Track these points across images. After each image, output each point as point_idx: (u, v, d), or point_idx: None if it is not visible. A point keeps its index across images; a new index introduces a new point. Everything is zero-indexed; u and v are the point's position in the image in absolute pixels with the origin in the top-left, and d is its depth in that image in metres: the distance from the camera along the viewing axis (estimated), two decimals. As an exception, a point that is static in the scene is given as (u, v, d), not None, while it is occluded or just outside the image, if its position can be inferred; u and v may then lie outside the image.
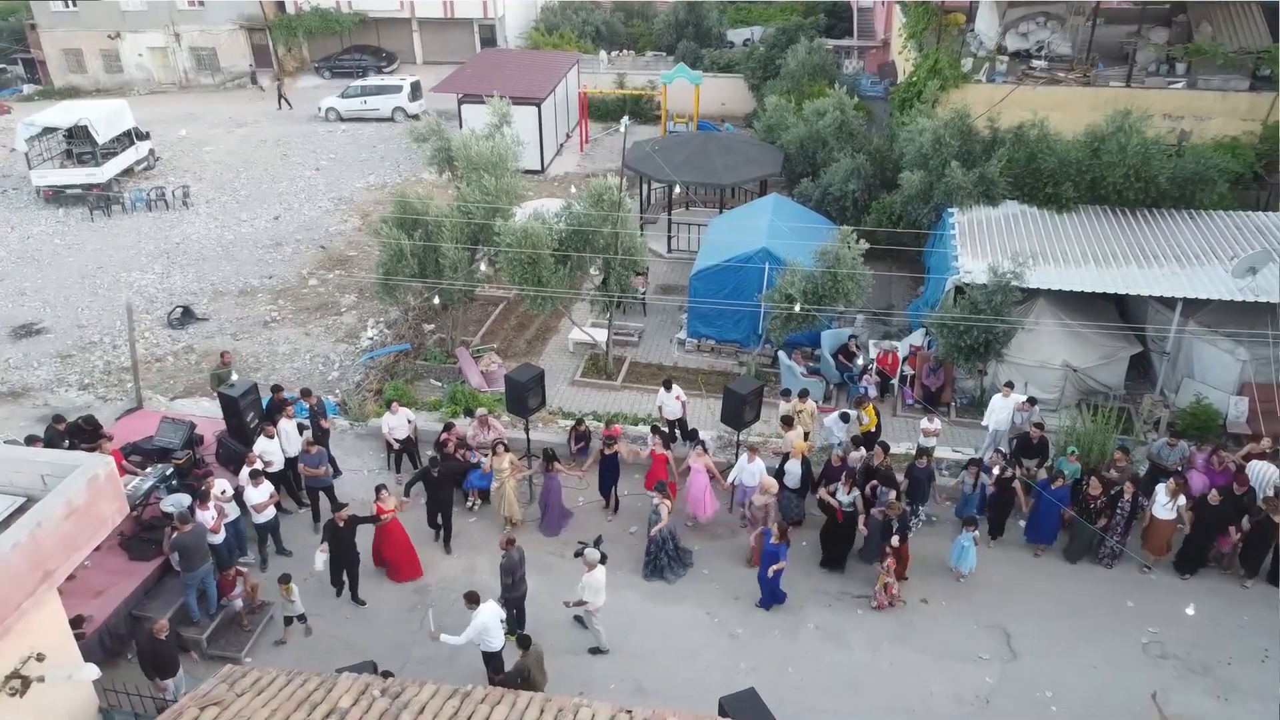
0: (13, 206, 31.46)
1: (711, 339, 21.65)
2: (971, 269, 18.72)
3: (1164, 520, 14.00)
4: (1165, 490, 13.90)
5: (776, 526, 13.41)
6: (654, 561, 14.40)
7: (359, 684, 9.53)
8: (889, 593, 13.71)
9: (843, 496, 14.14)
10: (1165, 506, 13.90)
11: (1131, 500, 14.10)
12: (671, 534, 14.41)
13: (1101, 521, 14.09)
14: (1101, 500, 14.03)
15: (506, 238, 18.27)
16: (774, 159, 25.99)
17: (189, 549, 12.51)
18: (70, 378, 21.03)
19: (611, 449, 15.35)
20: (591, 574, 12.59)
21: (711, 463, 15.12)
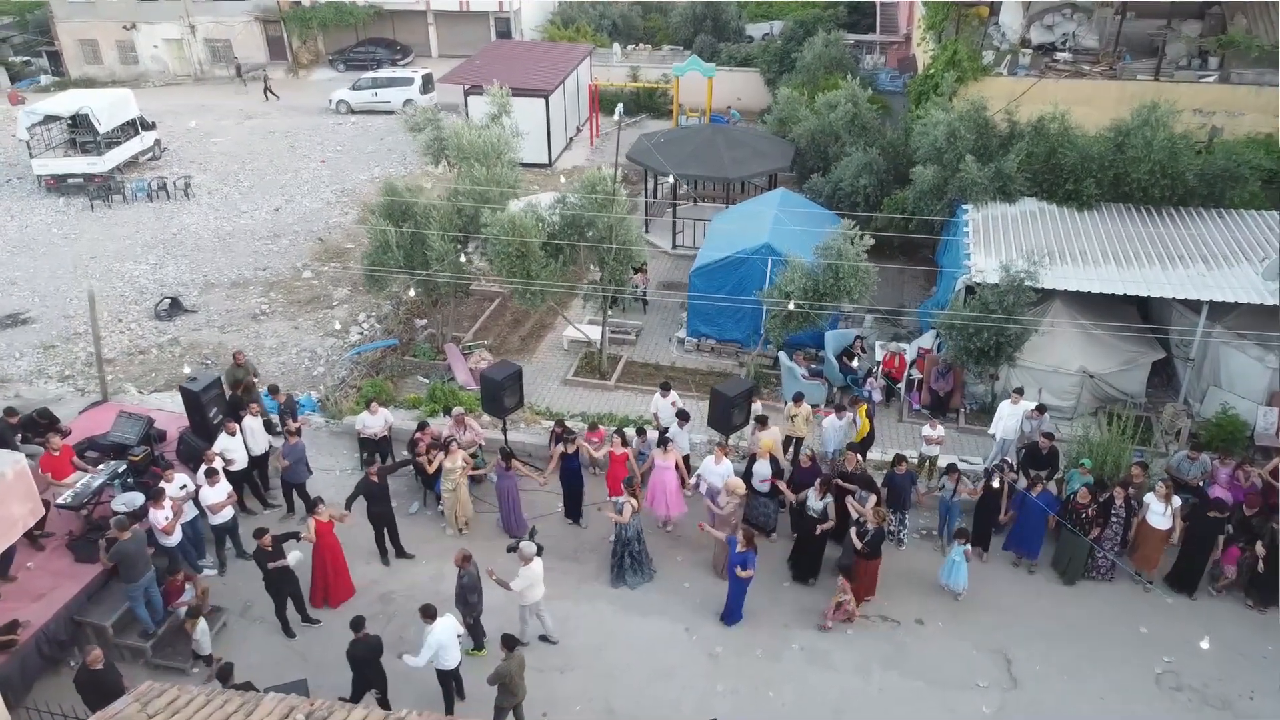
0: (16, 195, 31.13)
1: (712, 338, 20.76)
2: (984, 267, 17.71)
3: (1156, 530, 12.99)
4: (1157, 495, 12.89)
5: (742, 533, 12.50)
6: (619, 564, 13.53)
7: (283, 706, 8.75)
8: (842, 610, 12.76)
9: (814, 504, 13.21)
10: (1158, 514, 12.89)
11: (1125, 506, 13.08)
12: (638, 534, 13.54)
13: (1094, 532, 13.09)
14: (1093, 509, 13.02)
15: (494, 228, 17.47)
16: (784, 153, 25.05)
17: (129, 557, 11.75)
18: (51, 369, 20.49)
19: (572, 447, 14.45)
20: (528, 568, 11.89)
21: (680, 460, 14.24)
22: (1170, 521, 12.90)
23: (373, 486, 13.47)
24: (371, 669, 11.32)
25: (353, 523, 13.45)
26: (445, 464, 14.00)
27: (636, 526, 13.44)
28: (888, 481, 13.83)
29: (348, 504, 13.39)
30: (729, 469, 13.78)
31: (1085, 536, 13.05)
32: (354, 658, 11.15)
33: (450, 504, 14.35)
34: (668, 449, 14.06)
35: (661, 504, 14.15)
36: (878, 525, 12.55)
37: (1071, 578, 13.53)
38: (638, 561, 13.56)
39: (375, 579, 13.82)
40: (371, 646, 11.22)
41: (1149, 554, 13.21)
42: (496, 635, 12.32)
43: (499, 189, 18.73)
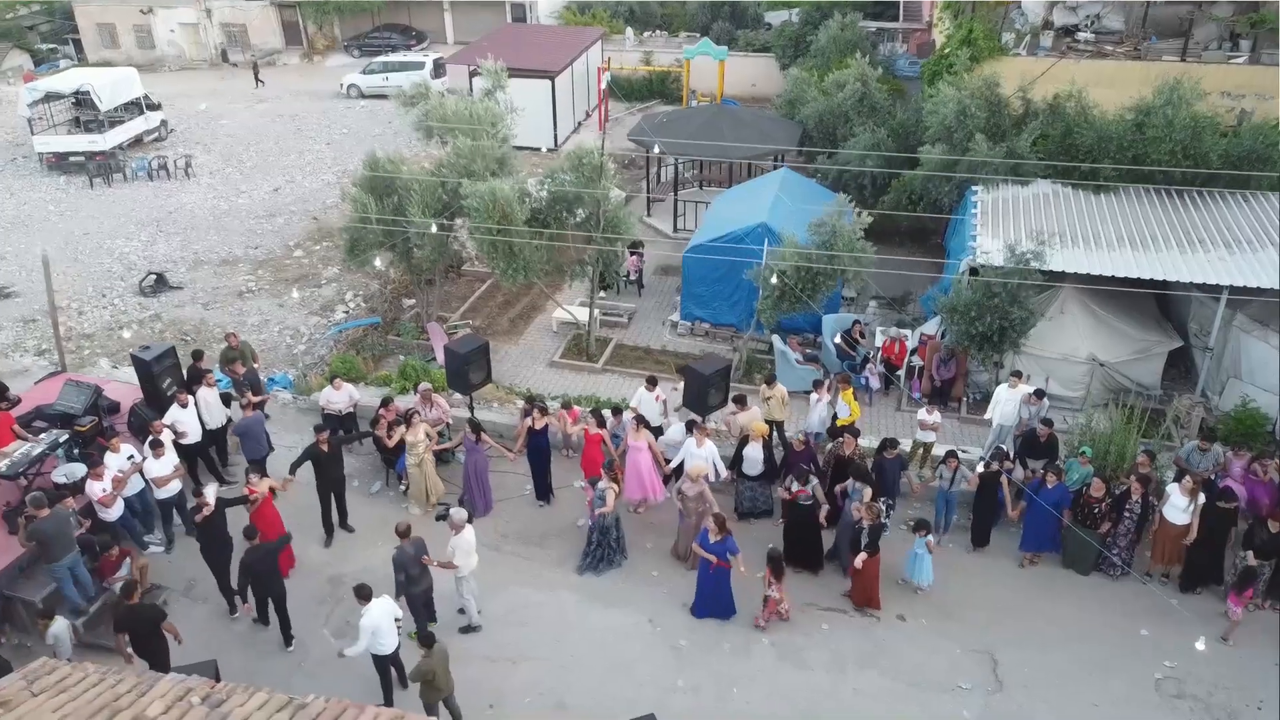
0: (19, 174, 30.91)
1: (706, 322, 19.91)
2: (989, 249, 16.74)
3: (1177, 526, 12.00)
4: (1181, 489, 11.88)
5: (713, 520, 11.65)
6: (595, 552, 12.74)
7: (178, 689, 8.03)
8: (771, 607, 11.86)
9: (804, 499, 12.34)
10: (1180, 509, 11.90)
11: (1142, 502, 12.10)
12: (616, 520, 12.74)
13: (1104, 527, 12.12)
14: (1105, 503, 12.04)
15: (473, 200, 16.73)
16: (790, 134, 24.15)
17: (47, 537, 11.06)
18: (29, 342, 20.03)
19: (541, 422, 13.66)
20: (459, 536, 11.24)
21: (653, 440, 13.42)
22: (1189, 518, 11.92)
23: (320, 454, 12.77)
24: (267, 579, 11.33)
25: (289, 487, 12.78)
26: (407, 438, 13.27)
27: (615, 513, 12.66)
28: (875, 468, 12.96)
29: (292, 469, 12.70)
30: (711, 452, 12.94)
31: (1095, 530, 12.10)
32: (246, 566, 11.15)
33: (417, 481, 13.60)
34: (639, 429, 13.26)
35: (635, 487, 13.35)
36: (872, 521, 11.65)
37: (1081, 568, 12.60)
38: (613, 550, 12.78)
39: (327, 560, 13.13)
40: (264, 553, 11.19)
41: (1167, 551, 12.22)
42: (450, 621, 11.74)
43: (485, 161, 17.99)
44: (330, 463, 12.92)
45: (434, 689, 10.03)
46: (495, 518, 13.83)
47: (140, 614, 10.59)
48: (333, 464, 12.97)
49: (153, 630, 10.52)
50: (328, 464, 12.90)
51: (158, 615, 10.72)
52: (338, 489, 13.26)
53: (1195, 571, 12.28)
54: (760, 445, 13.14)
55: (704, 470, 12.63)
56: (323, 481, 13.06)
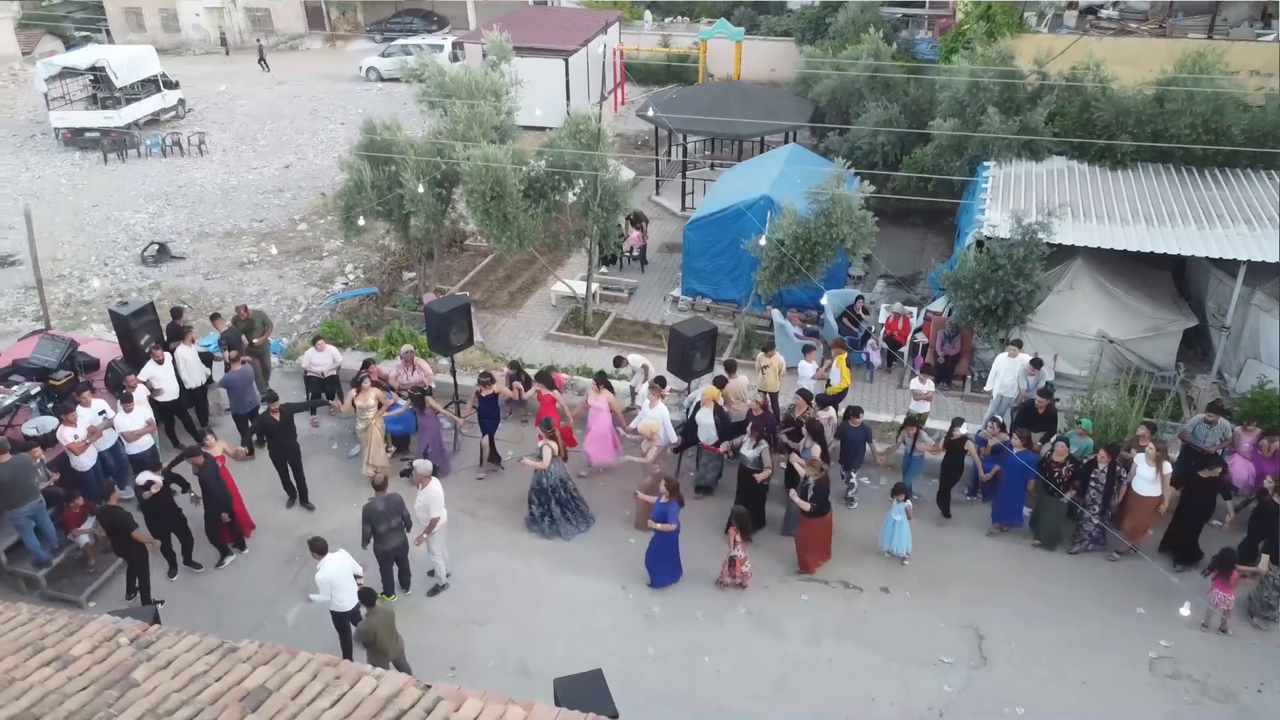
0: (36, 149, 31.09)
1: (708, 298, 19.48)
2: (997, 222, 16.17)
3: (1144, 496, 11.42)
4: (1145, 458, 11.32)
5: (664, 482, 11.23)
6: (540, 516, 12.35)
7: (107, 629, 7.76)
8: (736, 570, 11.43)
9: (747, 451, 11.89)
10: (1146, 479, 11.33)
11: (1108, 471, 11.52)
12: (563, 480, 12.35)
13: (1068, 494, 11.57)
14: (1067, 469, 11.49)
15: (466, 166, 16.42)
16: (801, 111, 23.66)
17: (5, 483, 10.87)
18: (28, 308, 19.99)
19: (489, 389, 13.28)
20: (426, 489, 10.88)
21: (615, 400, 13.02)
22: (1159, 488, 11.34)
23: (271, 423, 12.44)
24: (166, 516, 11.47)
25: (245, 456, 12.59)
26: (357, 402, 12.93)
27: (560, 473, 12.28)
28: (840, 435, 12.47)
29: (244, 441, 12.42)
30: (663, 413, 12.53)
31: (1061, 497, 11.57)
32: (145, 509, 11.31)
33: (364, 448, 13.25)
34: (600, 389, 12.87)
35: (595, 450, 12.97)
36: (818, 477, 11.19)
37: (1050, 543, 12.04)
38: (569, 509, 12.40)
39: (300, 520, 12.86)
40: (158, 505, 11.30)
41: (1138, 524, 11.63)
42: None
43: (481, 128, 17.67)
44: (282, 432, 12.57)
45: (377, 651, 9.66)
46: (473, 483, 13.50)
47: (114, 515, 10.97)
48: (285, 433, 12.61)
49: (126, 534, 10.90)
50: (280, 433, 12.55)
51: (128, 522, 10.97)
52: (292, 458, 12.89)
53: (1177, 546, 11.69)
54: (711, 411, 12.65)
55: (655, 428, 12.24)
56: (275, 451, 12.72)
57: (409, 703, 6.98)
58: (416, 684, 7.23)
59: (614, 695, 10.08)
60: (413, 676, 7.61)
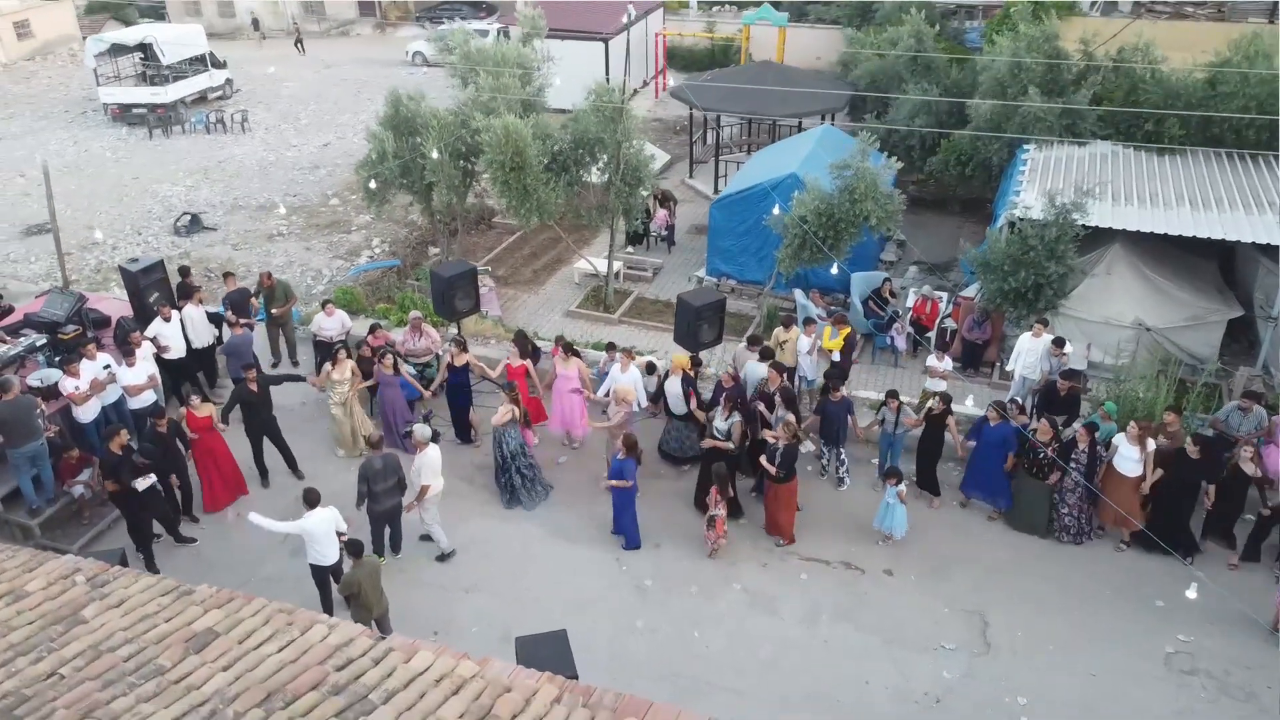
0: (86, 125, 31.65)
1: (732, 279, 19.05)
2: (1031, 204, 15.54)
3: (1124, 477, 10.81)
4: (1128, 436, 10.70)
5: (623, 439, 10.88)
6: (510, 482, 12.07)
7: (65, 568, 7.65)
8: (719, 530, 11.08)
9: (719, 423, 11.47)
10: (1129, 459, 10.69)
11: (1089, 451, 10.90)
12: (521, 448, 12.03)
13: (1053, 478, 10.98)
14: (1053, 448, 10.89)
15: (486, 135, 16.20)
16: (838, 95, 23.07)
17: (5, 421, 10.85)
18: (59, 273, 20.21)
19: (461, 358, 12.96)
20: (423, 454, 10.59)
21: (585, 369, 12.68)
22: (1141, 469, 10.71)
23: (249, 394, 12.14)
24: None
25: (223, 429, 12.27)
26: (333, 375, 12.65)
27: (519, 440, 11.96)
28: (820, 410, 12.02)
29: (224, 415, 12.19)
30: (636, 378, 12.17)
31: (1044, 481, 11.02)
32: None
33: (341, 422, 12.93)
34: (568, 357, 12.57)
35: (563, 419, 12.67)
36: (788, 441, 10.74)
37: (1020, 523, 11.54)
38: (528, 480, 12.10)
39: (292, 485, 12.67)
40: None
41: (1120, 505, 10.98)
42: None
43: (505, 100, 17.45)
44: (260, 404, 12.33)
45: (361, 606, 9.46)
46: (471, 449, 13.27)
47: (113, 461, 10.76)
48: (262, 405, 12.37)
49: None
50: (257, 405, 12.30)
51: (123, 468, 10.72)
52: (270, 431, 12.61)
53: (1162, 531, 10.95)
54: (679, 379, 12.23)
55: (631, 392, 11.96)
56: (252, 424, 12.41)
57: (358, 651, 6.75)
58: (370, 634, 7.01)
59: (597, 666, 9.83)
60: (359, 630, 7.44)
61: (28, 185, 25.40)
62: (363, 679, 6.46)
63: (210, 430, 11.75)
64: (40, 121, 32.07)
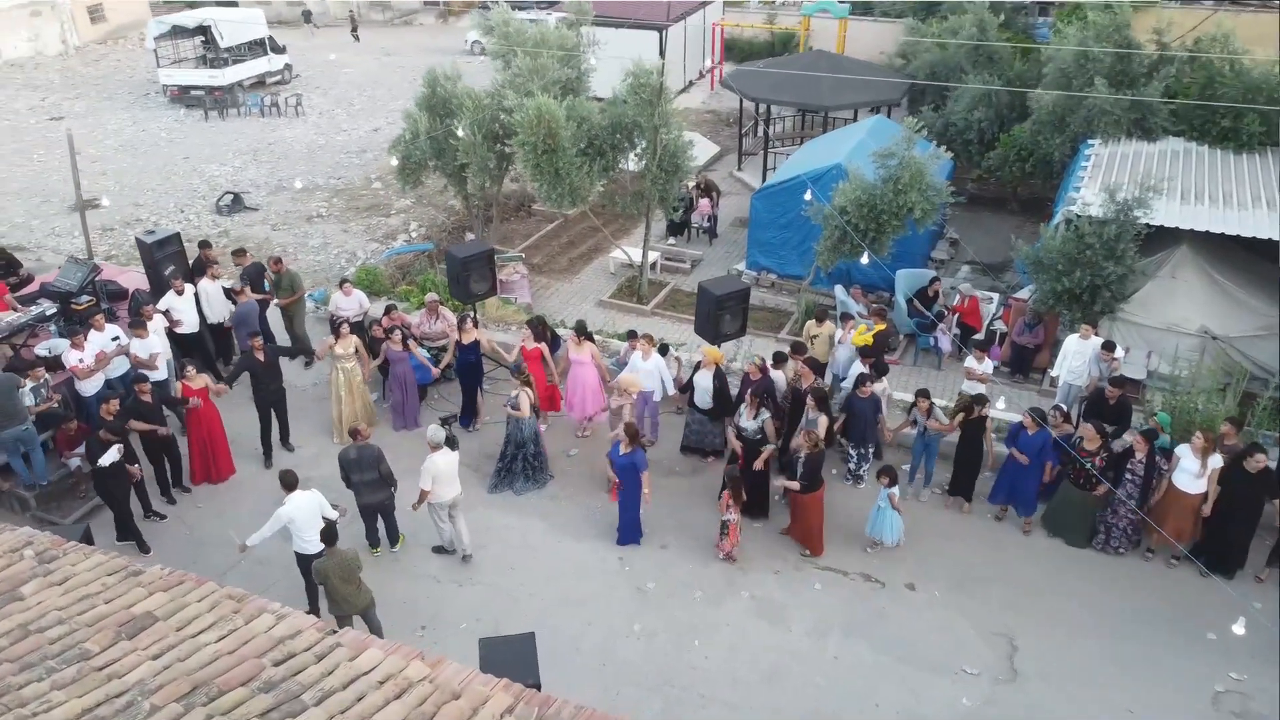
0: (146, 106, 32.04)
1: (773, 273, 18.30)
2: (1090, 200, 14.54)
3: (1186, 494, 9.81)
4: (1191, 449, 9.70)
5: (625, 428, 10.21)
6: (508, 468, 11.51)
7: (16, 540, 7.29)
8: (732, 538, 10.38)
9: (745, 423, 10.73)
10: (1190, 473, 9.70)
11: (1146, 463, 9.92)
12: (535, 434, 11.45)
13: (1101, 489, 10.03)
14: (1101, 458, 9.95)
15: (518, 115, 15.71)
16: (894, 86, 22.14)
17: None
18: (100, 248, 20.30)
19: (469, 335, 12.43)
20: (431, 457, 9.90)
21: (598, 353, 12.05)
22: (1205, 485, 9.74)
23: (256, 364, 11.77)
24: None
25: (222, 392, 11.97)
26: (336, 348, 12.19)
27: (533, 425, 11.41)
28: (846, 407, 11.23)
29: (229, 380, 11.89)
30: (658, 365, 11.52)
31: (1091, 492, 10.09)
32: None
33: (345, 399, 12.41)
34: (582, 341, 11.97)
35: (578, 405, 12.07)
36: (810, 451, 9.99)
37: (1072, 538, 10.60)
38: (532, 466, 11.52)
39: (295, 463, 12.24)
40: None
41: (1178, 525, 10.01)
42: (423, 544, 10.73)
43: (540, 78, 16.95)
44: (268, 374, 11.95)
45: (334, 601, 8.94)
46: (481, 436, 12.76)
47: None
48: (270, 376, 12.00)
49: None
50: (265, 376, 11.92)
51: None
52: (277, 402, 12.26)
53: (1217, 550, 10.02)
54: (711, 374, 11.54)
55: (635, 383, 11.34)
56: (260, 394, 12.06)
57: (302, 646, 6.22)
58: (320, 628, 6.49)
59: (585, 669, 9.25)
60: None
61: (82, 163, 25.60)
62: (300, 676, 5.94)
63: (205, 401, 11.41)
64: (104, 102, 32.56)
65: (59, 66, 38.08)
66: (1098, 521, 10.52)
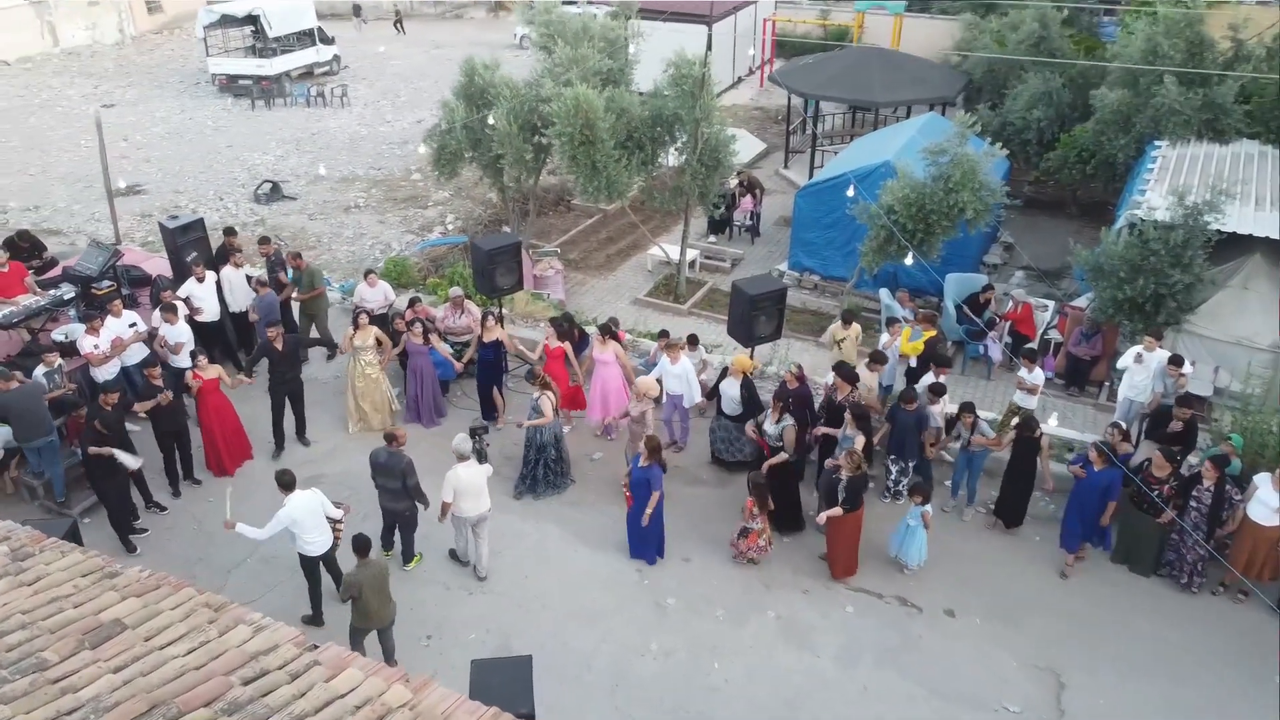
0: (195, 95, 32.14)
1: (816, 274, 17.60)
2: (1156, 204, 13.66)
3: (1263, 527, 8.99)
4: (1272, 479, 8.86)
5: (644, 443, 9.61)
6: (531, 473, 10.98)
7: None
8: (750, 542, 9.80)
9: (769, 427, 10.09)
10: (1268, 505, 8.85)
11: (1215, 491, 9.09)
12: (556, 438, 10.90)
13: (1166, 516, 9.23)
14: (1169, 486, 9.13)
15: (555, 105, 15.21)
16: (950, 83, 21.30)
17: (15, 413, 10.14)
18: (137, 234, 20.22)
19: (491, 333, 11.97)
20: (454, 468, 9.31)
21: (623, 353, 11.46)
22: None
23: (274, 352, 11.40)
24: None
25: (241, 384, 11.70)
26: (354, 340, 11.80)
27: (555, 428, 10.89)
28: (890, 418, 10.53)
29: (248, 368, 11.55)
30: (688, 370, 10.92)
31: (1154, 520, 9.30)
32: None
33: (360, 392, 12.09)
34: (605, 340, 11.42)
35: (600, 407, 11.51)
36: (852, 471, 9.32)
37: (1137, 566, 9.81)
38: (551, 470, 10.98)
39: (310, 458, 11.94)
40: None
41: (1252, 560, 9.18)
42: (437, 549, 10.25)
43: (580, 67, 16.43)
44: (285, 363, 11.57)
45: (361, 614, 8.41)
46: (501, 438, 12.25)
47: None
48: (288, 364, 11.63)
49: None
50: (282, 364, 11.54)
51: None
52: (294, 392, 11.89)
53: None
54: (738, 383, 10.93)
55: (653, 388, 10.76)
56: (276, 383, 11.68)
57: (276, 663, 5.72)
58: (299, 643, 6.00)
59: (595, 687, 8.70)
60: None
61: (128, 149, 25.74)
62: (269, 698, 5.44)
63: (215, 392, 11.08)
64: (155, 90, 32.74)
65: (115, 56, 38.49)
66: (1166, 549, 9.71)
